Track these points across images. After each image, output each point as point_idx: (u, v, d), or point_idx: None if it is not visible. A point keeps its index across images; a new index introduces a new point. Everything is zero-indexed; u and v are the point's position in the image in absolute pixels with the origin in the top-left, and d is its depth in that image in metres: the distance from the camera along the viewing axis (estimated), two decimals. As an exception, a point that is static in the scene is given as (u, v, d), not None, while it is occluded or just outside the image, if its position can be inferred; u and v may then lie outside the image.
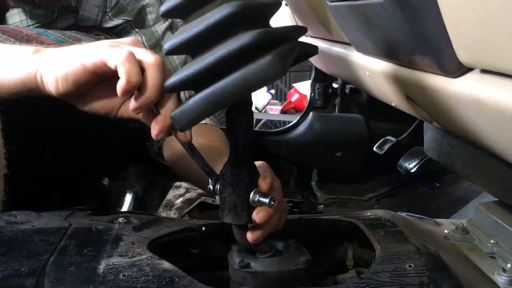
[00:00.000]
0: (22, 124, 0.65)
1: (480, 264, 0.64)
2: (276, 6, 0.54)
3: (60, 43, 0.73)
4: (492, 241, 0.65)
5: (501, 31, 0.39)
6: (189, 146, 0.60)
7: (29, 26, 0.85)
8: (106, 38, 0.89)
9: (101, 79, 0.56)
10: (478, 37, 0.44)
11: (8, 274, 0.54)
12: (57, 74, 0.54)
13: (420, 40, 0.55)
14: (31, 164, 0.70)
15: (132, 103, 0.54)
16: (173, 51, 0.52)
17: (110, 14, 0.91)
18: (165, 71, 0.55)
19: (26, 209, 0.72)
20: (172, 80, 0.52)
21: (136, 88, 0.53)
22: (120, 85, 0.51)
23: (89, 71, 0.54)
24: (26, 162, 0.61)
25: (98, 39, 0.85)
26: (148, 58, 0.54)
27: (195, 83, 0.51)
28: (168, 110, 0.54)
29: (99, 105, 0.58)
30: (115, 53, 0.53)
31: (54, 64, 0.55)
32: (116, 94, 0.53)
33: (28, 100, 0.61)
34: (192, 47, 0.52)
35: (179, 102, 0.55)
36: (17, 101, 0.59)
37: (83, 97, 0.57)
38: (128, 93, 0.52)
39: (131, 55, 0.52)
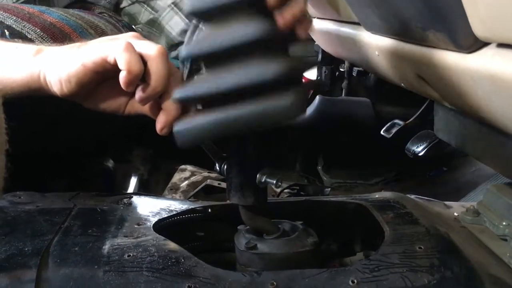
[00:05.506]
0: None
1: (492, 246, 0.62)
2: None
3: (62, 21, 0.72)
4: (504, 223, 0.64)
5: (522, 0, 0.37)
6: None
7: None
8: (110, 16, 0.87)
9: (105, 77, 0.56)
10: (495, 8, 0.42)
11: (12, 254, 0.53)
12: (60, 76, 0.55)
13: (434, 14, 0.53)
14: (33, 141, 0.69)
15: (138, 94, 0.54)
16: (190, 58, 0.49)
17: None
18: (168, 61, 0.54)
19: (31, 191, 0.71)
20: (184, 93, 0.48)
21: (139, 78, 0.52)
22: (122, 77, 0.51)
23: (90, 70, 0.54)
24: (27, 139, 0.60)
25: (101, 18, 0.84)
26: (150, 48, 0.53)
27: (208, 100, 0.48)
28: (172, 105, 0.54)
29: (106, 104, 0.59)
30: (113, 47, 0.52)
31: (56, 66, 0.55)
32: (121, 93, 0.54)
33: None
34: (212, 58, 0.47)
35: None
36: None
37: (89, 96, 0.58)
38: (132, 83, 0.52)
39: (129, 45, 0.52)
